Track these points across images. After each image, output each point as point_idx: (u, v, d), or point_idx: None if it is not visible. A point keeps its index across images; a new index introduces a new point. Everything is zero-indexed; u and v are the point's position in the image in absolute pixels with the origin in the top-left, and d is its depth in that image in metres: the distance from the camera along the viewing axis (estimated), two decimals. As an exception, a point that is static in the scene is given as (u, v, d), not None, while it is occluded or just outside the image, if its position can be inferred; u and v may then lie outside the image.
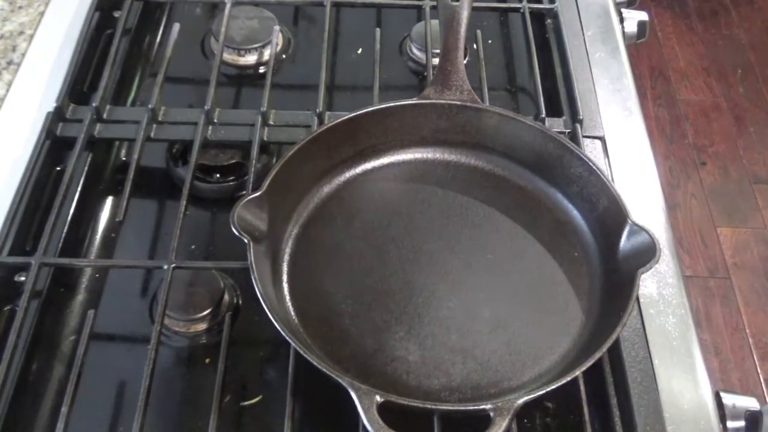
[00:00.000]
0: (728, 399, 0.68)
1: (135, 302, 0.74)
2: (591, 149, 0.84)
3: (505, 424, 0.57)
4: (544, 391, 0.61)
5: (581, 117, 0.85)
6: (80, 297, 0.75)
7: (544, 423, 0.68)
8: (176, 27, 0.92)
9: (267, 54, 0.94)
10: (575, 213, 0.76)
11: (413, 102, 0.79)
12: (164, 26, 1.00)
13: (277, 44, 0.94)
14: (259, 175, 0.75)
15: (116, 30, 0.93)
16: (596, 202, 0.74)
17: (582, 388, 0.66)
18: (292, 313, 0.70)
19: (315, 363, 0.60)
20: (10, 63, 0.92)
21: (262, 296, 0.64)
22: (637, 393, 0.67)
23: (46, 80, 0.89)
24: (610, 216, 0.72)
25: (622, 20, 1.02)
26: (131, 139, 0.82)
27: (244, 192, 0.79)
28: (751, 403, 0.68)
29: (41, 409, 0.67)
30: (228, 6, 0.94)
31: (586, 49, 0.95)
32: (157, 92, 0.84)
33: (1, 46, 0.93)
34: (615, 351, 0.69)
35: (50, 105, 0.83)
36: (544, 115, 0.85)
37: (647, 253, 0.67)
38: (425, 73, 0.91)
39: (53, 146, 0.81)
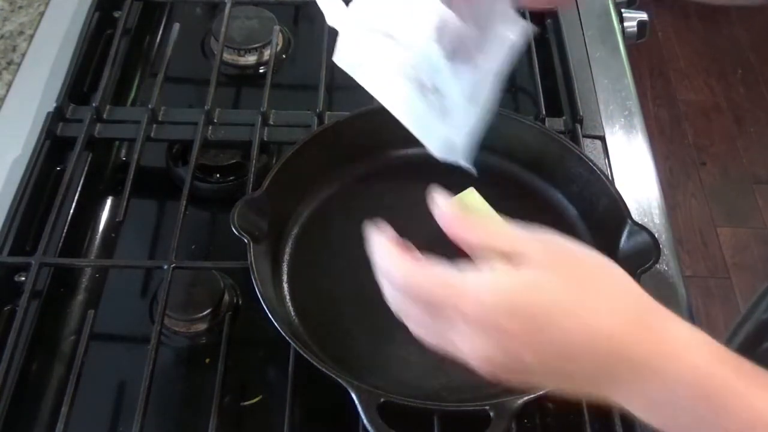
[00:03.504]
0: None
1: (135, 302, 0.74)
2: (591, 149, 0.84)
3: (505, 424, 0.57)
4: (544, 391, 0.61)
5: (581, 117, 0.85)
6: (80, 297, 0.75)
7: (544, 423, 0.68)
8: (176, 27, 0.92)
9: (267, 54, 0.94)
10: (575, 213, 0.76)
11: (413, 102, 0.79)
12: (164, 26, 1.00)
13: (277, 44, 0.94)
14: (259, 175, 0.75)
15: (116, 30, 0.93)
16: (596, 202, 0.74)
17: (582, 388, 0.66)
18: (292, 313, 0.70)
19: (315, 363, 0.60)
20: (10, 63, 0.92)
21: (262, 296, 0.64)
22: (637, 393, 0.67)
23: (46, 80, 0.89)
24: (610, 216, 0.72)
25: (622, 20, 1.02)
26: (131, 139, 0.83)
27: (244, 192, 0.79)
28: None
29: (41, 409, 0.67)
30: (228, 6, 0.94)
31: (586, 49, 0.95)
32: (157, 92, 0.84)
33: (1, 46, 0.93)
34: (615, 351, 0.68)
35: (50, 105, 0.83)
36: (544, 115, 0.85)
37: (647, 253, 0.66)
38: (425, 73, 0.91)
39: (53, 146, 0.81)
